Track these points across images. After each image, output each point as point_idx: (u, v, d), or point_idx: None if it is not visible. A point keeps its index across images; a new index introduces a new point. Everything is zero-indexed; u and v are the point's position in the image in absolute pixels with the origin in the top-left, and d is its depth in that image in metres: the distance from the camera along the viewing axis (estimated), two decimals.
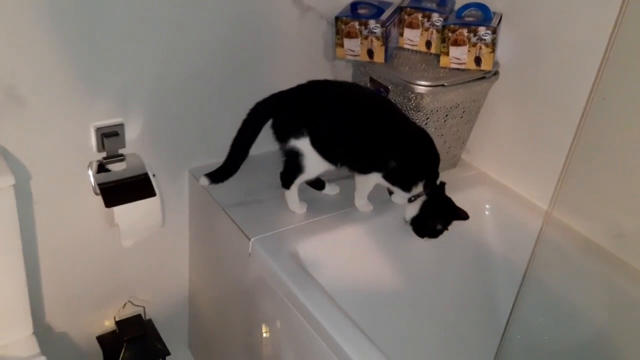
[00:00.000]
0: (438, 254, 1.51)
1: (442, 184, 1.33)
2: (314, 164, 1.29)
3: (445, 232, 1.34)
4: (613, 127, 1.27)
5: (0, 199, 1.11)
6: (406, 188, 1.31)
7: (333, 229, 1.35)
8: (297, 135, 1.27)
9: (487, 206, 1.55)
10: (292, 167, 1.31)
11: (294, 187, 1.34)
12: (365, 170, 1.32)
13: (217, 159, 1.49)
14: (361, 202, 1.39)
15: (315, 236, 1.32)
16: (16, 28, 1.13)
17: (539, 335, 1.42)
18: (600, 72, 1.24)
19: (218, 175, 1.38)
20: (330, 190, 1.45)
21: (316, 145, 1.27)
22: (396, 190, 1.34)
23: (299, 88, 1.30)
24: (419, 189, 1.31)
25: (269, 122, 1.31)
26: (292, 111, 1.29)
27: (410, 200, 1.32)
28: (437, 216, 1.32)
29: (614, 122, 1.26)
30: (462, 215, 1.31)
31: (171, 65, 1.34)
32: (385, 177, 1.31)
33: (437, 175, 1.32)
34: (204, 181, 1.38)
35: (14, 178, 1.10)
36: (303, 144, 1.27)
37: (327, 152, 1.27)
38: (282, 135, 1.29)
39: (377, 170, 1.30)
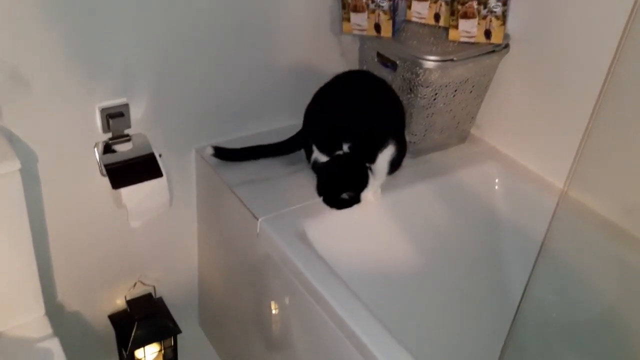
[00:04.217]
0: (447, 230, 1.51)
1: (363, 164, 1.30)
2: None
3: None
4: (632, 102, 1.23)
5: (7, 183, 1.10)
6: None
7: None
8: (312, 149, 1.36)
9: (497, 181, 1.54)
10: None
11: None
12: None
13: (223, 137, 1.48)
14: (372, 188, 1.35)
15: (323, 215, 1.31)
16: (17, 9, 1.11)
17: (551, 312, 1.42)
18: (621, 44, 1.19)
19: (226, 153, 1.41)
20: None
21: (319, 148, 1.34)
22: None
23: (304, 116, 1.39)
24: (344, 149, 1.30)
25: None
26: (304, 138, 1.40)
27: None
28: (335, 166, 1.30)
29: (634, 97, 1.22)
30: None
31: (174, 43, 1.32)
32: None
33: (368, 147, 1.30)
34: (209, 150, 1.41)
35: (20, 162, 1.10)
36: (317, 154, 1.35)
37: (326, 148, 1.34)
38: (308, 158, 1.39)
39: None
